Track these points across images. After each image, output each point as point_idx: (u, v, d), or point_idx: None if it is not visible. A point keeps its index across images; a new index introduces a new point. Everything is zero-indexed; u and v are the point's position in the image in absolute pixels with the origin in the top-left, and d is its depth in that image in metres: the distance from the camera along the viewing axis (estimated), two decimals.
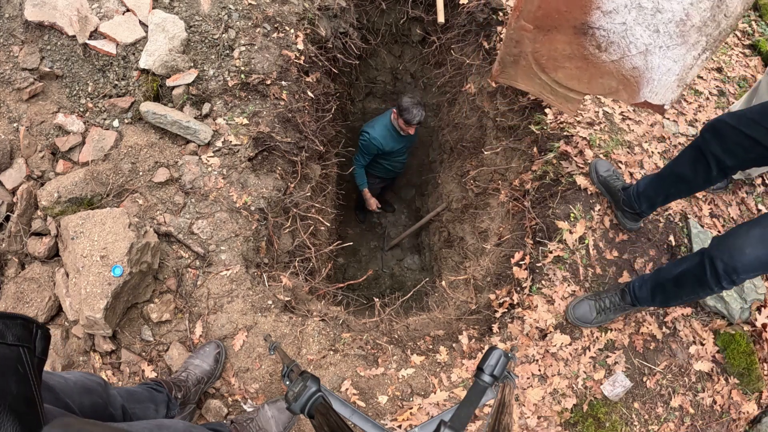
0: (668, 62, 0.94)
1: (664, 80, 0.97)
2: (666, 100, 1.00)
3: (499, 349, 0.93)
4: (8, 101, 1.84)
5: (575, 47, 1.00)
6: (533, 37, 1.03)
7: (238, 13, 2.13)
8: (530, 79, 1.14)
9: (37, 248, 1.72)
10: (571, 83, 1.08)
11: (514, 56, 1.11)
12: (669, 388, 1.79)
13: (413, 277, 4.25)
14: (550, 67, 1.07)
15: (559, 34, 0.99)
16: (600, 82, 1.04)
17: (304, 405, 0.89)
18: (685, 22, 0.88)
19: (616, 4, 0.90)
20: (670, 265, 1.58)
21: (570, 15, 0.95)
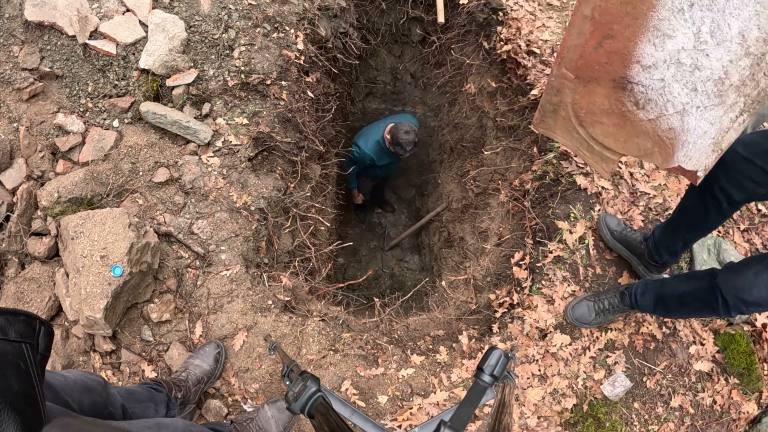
0: (705, 124, 0.91)
1: (699, 143, 0.93)
2: (700, 165, 0.96)
3: (499, 349, 0.93)
4: (8, 101, 1.84)
5: (613, 102, 0.98)
6: (573, 87, 1.03)
7: (238, 13, 2.13)
8: (569, 133, 1.13)
9: (37, 248, 1.72)
10: (608, 141, 1.06)
11: (554, 105, 1.10)
12: (669, 388, 1.79)
13: (413, 277, 4.26)
14: (588, 121, 1.06)
15: (598, 86, 0.98)
16: (636, 142, 1.01)
17: (304, 405, 0.89)
18: (723, 81, 0.86)
19: (656, 59, 0.89)
20: (676, 280, 1.52)
21: (610, 68, 0.94)
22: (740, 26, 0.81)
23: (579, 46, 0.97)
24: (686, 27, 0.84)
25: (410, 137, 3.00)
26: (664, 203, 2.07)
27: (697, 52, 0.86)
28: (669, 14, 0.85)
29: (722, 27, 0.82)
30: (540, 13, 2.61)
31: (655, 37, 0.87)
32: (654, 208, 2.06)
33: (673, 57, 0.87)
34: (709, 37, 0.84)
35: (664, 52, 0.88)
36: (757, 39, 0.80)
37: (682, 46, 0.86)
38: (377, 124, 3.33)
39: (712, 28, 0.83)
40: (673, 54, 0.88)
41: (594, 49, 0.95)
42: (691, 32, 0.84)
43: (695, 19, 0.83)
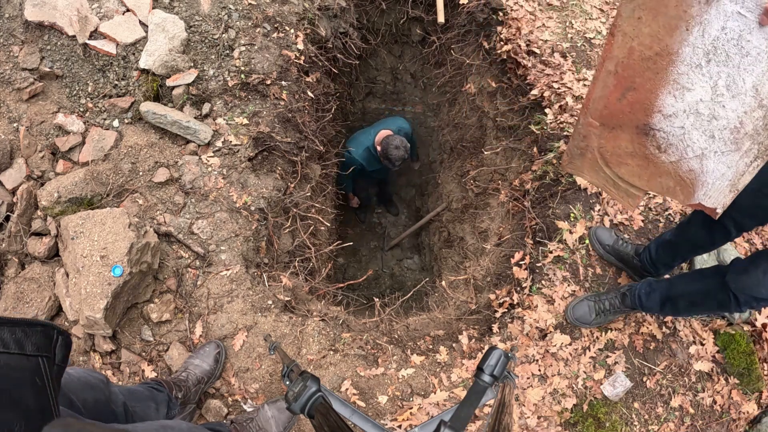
0: (722, 167, 0.97)
1: (717, 184, 1.00)
2: (718, 203, 1.02)
3: (499, 349, 0.93)
4: (8, 101, 1.84)
5: (637, 146, 1.05)
6: (599, 133, 1.10)
7: (238, 13, 2.13)
8: (596, 172, 1.20)
9: (37, 248, 1.72)
10: (633, 179, 1.13)
11: (581, 149, 1.17)
12: (669, 388, 1.79)
13: (413, 277, 4.26)
14: (614, 162, 1.12)
15: (622, 132, 1.05)
16: (659, 180, 1.08)
17: (304, 405, 0.89)
18: (738, 130, 0.92)
19: (676, 109, 0.94)
20: (683, 280, 1.53)
21: (633, 116, 1.00)
22: (754, 81, 0.87)
23: (603, 97, 1.04)
24: (704, 81, 0.91)
25: (400, 153, 2.95)
26: (664, 203, 2.07)
27: (714, 104, 0.92)
28: (687, 69, 0.91)
29: (737, 81, 0.88)
30: (540, 13, 2.61)
31: (675, 90, 0.94)
32: (654, 208, 2.06)
33: (692, 107, 0.94)
34: (725, 90, 0.90)
35: (683, 103, 0.94)
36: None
37: (700, 98, 0.92)
38: (368, 129, 3.29)
39: (728, 82, 0.89)
40: (692, 105, 0.94)
41: (617, 100, 1.02)
42: (708, 86, 0.91)
43: (712, 73, 0.90)
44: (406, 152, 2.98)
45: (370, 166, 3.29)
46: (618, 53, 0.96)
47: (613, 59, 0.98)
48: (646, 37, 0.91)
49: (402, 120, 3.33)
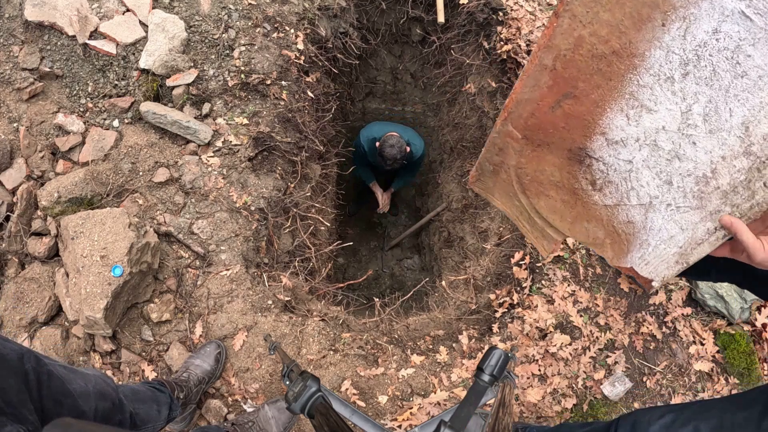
0: (673, 227, 0.75)
1: (661, 249, 0.77)
2: (657, 275, 0.79)
3: (499, 349, 0.93)
4: (8, 101, 1.84)
5: (565, 175, 0.81)
6: (520, 148, 0.84)
7: (238, 13, 2.13)
8: (508, 199, 0.94)
9: (37, 248, 1.72)
10: (552, 218, 0.88)
11: (494, 165, 0.90)
12: (669, 388, 1.79)
13: (413, 277, 4.25)
14: (533, 191, 0.88)
15: (549, 153, 0.81)
16: (585, 226, 0.84)
17: (304, 405, 0.90)
18: (708, 181, 0.69)
19: (626, 135, 0.72)
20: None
21: (567, 134, 0.77)
22: (745, 115, 0.63)
23: (532, 101, 0.78)
24: (673, 102, 0.67)
25: (392, 152, 2.91)
26: None
27: (681, 137, 0.69)
28: (653, 81, 0.67)
29: (721, 111, 0.65)
30: (540, 13, 2.61)
31: (631, 107, 0.70)
32: None
33: (649, 136, 0.71)
34: (700, 121, 0.67)
35: (638, 128, 0.71)
36: (765, 137, 0.63)
37: (663, 125, 0.69)
38: (386, 124, 3.29)
39: (707, 110, 0.66)
40: (650, 133, 0.71)
41: (550, 108, 0.77)
42: (678, 109, 0.68)
43: (687, 93, 0.66)
44: (399, 154, 2.93)
45: (371, 157, 3.29)
46: (560, 43, 0.70)
47: (552, 50, 0.72)
48: (602, 25, 0.66)
49: (420, 141, 3.26)
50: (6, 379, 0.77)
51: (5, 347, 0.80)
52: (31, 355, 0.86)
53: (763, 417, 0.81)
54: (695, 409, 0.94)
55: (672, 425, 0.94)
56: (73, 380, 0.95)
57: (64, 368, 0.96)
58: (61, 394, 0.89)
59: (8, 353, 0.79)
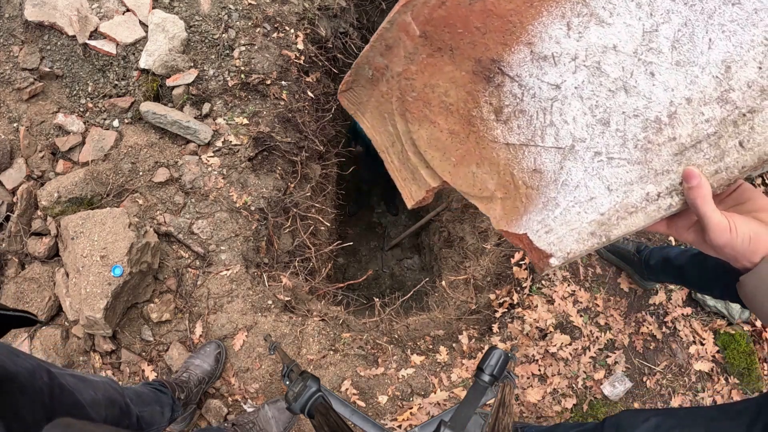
0: (597, 185, 0.55)
1: (573, 213, 0.56)
2: (560, 250, 0.58)
3: (499, 349, 0.93)
4: (8, 101, 1.84)
5: (463, 96, 0.62)
6: (413, 49, 0.64)
7: (238, 13, 2.13)
8: (381, 121, 0.72)
9: (37, 248, 1.72)
10: (432, 154, 0.67)
11: (375, 69, 0.69)
12: (669, 388, 1.79)
13: (413, 277, 4.26)
14: (415, 113, 0.67)
15: (450, 63, 0.61)
16: (472, 171, 0.64)
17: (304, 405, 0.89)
18: (661, 128, 0.51)
19: (561, 49, 0.54)
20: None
21: (480, 38, 0.58)
22: (729, 52, 0.49)
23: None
24: (635, 16, 0.51)
25: None
26: None
27: (636, 63, 0.52)
28: None
29: (697, 40, 0.49)
30: None
31: (576, 14, 0.53)
32: None
33: (591, 56, 0.53)
34: (666, 47, 0.50)
35: (579, 42, 0.54)
36: (750, 83, 0.48)
37: (614, 43, 0.52)
38: None
39: (679, 34, 0.50)
40: (594, 51, 0.53)
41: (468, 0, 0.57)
42: (640, 26, 0.51)
43: (657, 8, 0.50)
44: None
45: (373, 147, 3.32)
46: None
47: None
48: None
49: None
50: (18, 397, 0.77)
51: (16, 364, 0.80)
52: (43, 370, 0.86)
53: (750, 429, 0.78)
54: (681, 415, 0.92)
55: (656, 431, 0.91)
56: (83, 390, 0.95)
57: (74, 377, 0.96)
58: (72, 406, 0.89)
59: (20, 371, 0.79)
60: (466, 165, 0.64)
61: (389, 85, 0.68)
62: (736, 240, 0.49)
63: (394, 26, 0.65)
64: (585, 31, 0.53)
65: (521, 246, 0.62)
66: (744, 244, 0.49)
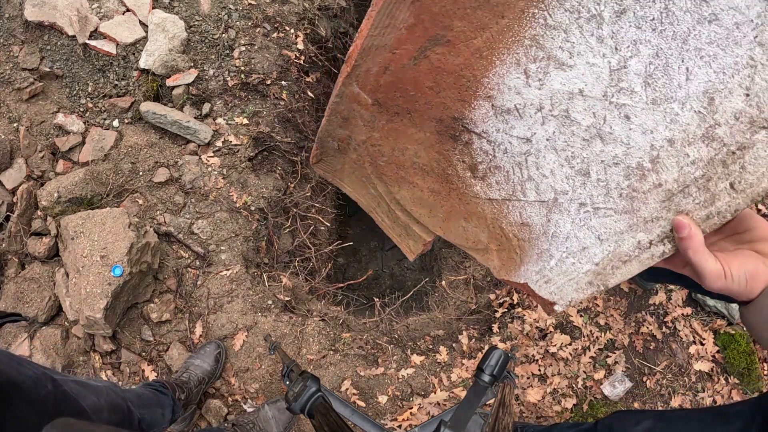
0: (587, 236, 0.52)
1: (568, 264, 0.54)
2: (562, 298, 0.56)
3: (499, 349, 0.93)
4: (8, 101, 1.84)
5: (434, 156, 0.59)
6: (371, 118, 0.60)
7: (238, 13, 2.13)
8: (361, 185, 0.70)
9: (37, 248, 1.72)
10: (419, 212, 0.65)
11: (339, 141, 0.66)
12: (669, 388, 1.79)
13: (413, 277, 4.26)
14: (391, 176, 0.64)
15: (411, 126, 0.57)
16: (462, 226, 0.62)
17: (304, 405, 0.89)
18: (644, 175, 0.47)
19: (523, 101, 0.50)
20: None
21: (436, 98, 0.54)
22: (711, 81, 0.42)
23: (386, 49, 0.53)
24: (598, 53, 0.46)
25: None
26: None
27: (607, 107, 0.47)
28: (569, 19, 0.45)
29: (673, 72, 0.43)
30: None
31: (532, 60, 0.48)
32: None
33: (558, 104, 0.48)
34: (639, 85, 0.45)
35: (542, 90, 0.49)
36: (738, 114, 0.42)
37: (580, 87, 0.47)
38: None
39: (651, 68, 0.44)
40: (560, 99, 0.48)
41: (412, 59, 0.53)
42: (605, 65, 0.46)
43: (621, 41, 0.44)
44: None
45: None
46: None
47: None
48: None
49: None
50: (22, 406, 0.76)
51: (21, 373, 0.79)
52: (47, 379, 0.86)
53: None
54: (673, 418, 0.91)
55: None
56: (86, 396, 0.95)
57: (77, 383, 0.96)
58: (75, 413, 0.89)
59: (24, 380, 0.79)
60: (455, 220, 0.62)
61: (358, 152, 0.65)
62: (732, 284, 0.48)
63: (344, 98, 0.60)
64: (545, 78, 0.48)
65: (525, 292, 0.60)
66: (741, 287, 0.48)
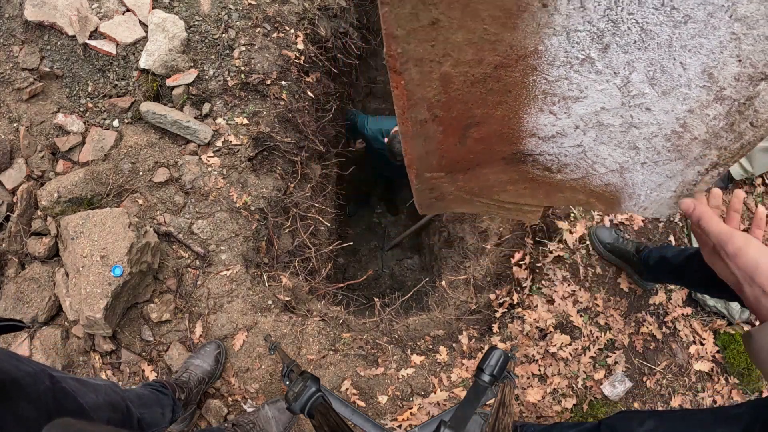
0: (658, 177, 0.67)
1: (654, 195, 0.71)
2: (661, 214, 0.74)
3: (500, 349, 0.93)
4: (8, 101, 1.84)
5: (514, 174, 0.73)
6: (450, 180, 0.74)
7: (238, 13, 2.13)
8: (468, 204, 0.84)
9: (37, 248, 1.72)
10: (523, 200, 0.80)
11: (435, 198, 0.80)
12: (669, 388, 1.79)
13: (413, 277, 4.25)
14: (488, 193, 0.79)
15: (485, 168, 0.71)
16: (561, 195, 0.77)
17: (304, 405, 0.89)
18: (681, 135, 0.60)
19: (561, 127, 0.60)
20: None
21: (491, 152, 0.66)
22: (704, 63, 0.51)
23: (433, 151, 0.66)
24: (602, 81, 0.55)
25: (400, 147, 3.00)
26: None
27: (629, 109, 0.58)
28: (565, 71, 0.54)
29: (670, 69, 0.53)
30: None
31: (552, 104, 0.58)
32: None
33: (589, 121, 0.60)
34: (647, 87, 0.55)
35: (571, 118, 0.60)
36: (737, 77, 0.52)
37: (601, 106, 0.58)
38: (394, 118, 3.33)
39: (650, 73, 0.53)
40: (589, 117, 0.60)
41: (456, 145, 0.65)
42: (613, 86, 0.55)
43: (617, 66, 0.53)
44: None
45: (374, 143, 3.33)
46: (425, 93, 0.55)
47: (420, 104, 0.57)
48: (462, 48, 0.49)
49: None
50: (20, 402, 0.77)
51: (19, 369, 0.80)
52: (45, 375, 0.86)
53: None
54: (675, 419, 0.92)
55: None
56: (85, 394, 0.95)
57: (76, 381, 0.96)
58: (74, 411, 0.89)
59: (22, 377, 0.79)
60: (554, 194, 0.76)
61: (453, 194, 0.80)
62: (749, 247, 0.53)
63: (423, 182, 0.75)
64: (569, 110, 0.59)
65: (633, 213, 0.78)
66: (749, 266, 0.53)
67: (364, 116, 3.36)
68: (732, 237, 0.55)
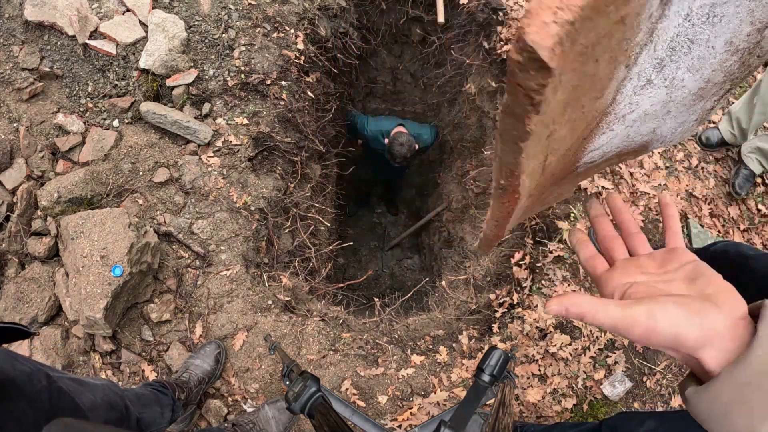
0: (683, 117, 0.76)
1: (678, 131, 0.79)
2: (683, 139, 0.83)
3: (499, 349, 0.93)
4: (8, 101, 1.84)
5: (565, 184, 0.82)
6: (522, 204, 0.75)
7: (238, 13, 2.13)
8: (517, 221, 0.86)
9: (37, 248, 1.72)
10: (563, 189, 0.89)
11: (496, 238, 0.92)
12: (669, 388, 1.79)
13: (413, 277, 4.25)
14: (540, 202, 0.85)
15: (546, 191, 0.77)
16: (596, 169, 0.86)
17: (304, 405, 0.89)
18: (704, 88, 0.69)
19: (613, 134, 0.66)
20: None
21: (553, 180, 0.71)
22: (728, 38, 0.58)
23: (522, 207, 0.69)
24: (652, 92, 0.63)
25: (402, 150, 2.98)
26: None
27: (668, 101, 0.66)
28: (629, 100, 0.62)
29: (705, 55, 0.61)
30: None
31: (612, 124, 0.66)
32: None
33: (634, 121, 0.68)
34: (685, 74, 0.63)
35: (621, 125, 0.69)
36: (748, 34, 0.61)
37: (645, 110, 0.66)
38: (394, 119, 3.32)
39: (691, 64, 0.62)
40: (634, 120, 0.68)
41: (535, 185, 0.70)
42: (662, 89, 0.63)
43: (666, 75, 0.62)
44: (409, 152, 3.00)
45: (373, 143, 3.33)
46: (527, 190, 0.60)
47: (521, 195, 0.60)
48: (563, 139, 0.55)
49: (428, 129, 3.31)
50: (16, 402, 0.77)
51: (15, 368, 0.80)
52: (42, 374, 0.86)
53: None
54: (677, 419, 0.92)
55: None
56: (82, 394, 0.95)
57: (73, 381, 0.96)
58: (71, 410, 0.89)
59: (18, 375, 0.79)
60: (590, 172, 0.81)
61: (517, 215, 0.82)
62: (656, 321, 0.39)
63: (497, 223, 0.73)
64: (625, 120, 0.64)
65: None
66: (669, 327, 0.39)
67: (364, 117, 3.36)
68: (631, 321, 0.40)
